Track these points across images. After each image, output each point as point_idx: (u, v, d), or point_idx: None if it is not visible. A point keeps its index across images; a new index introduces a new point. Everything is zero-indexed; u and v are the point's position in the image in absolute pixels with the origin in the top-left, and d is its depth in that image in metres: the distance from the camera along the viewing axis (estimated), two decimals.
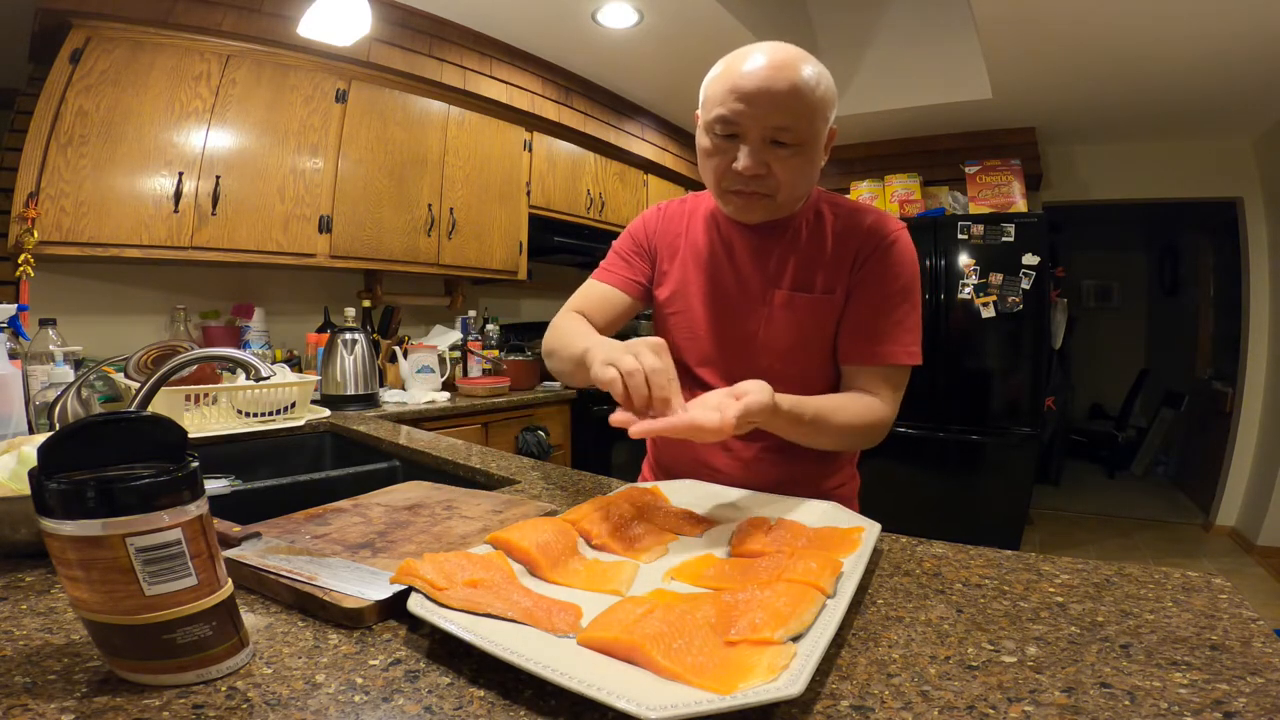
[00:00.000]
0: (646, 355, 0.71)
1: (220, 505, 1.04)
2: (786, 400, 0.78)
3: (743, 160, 0.85)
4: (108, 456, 0.45)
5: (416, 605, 0.51)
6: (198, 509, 0.45)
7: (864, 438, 0.91)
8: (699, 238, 1.02)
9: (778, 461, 0.99)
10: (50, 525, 0.42)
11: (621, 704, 0.39)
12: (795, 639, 0.47)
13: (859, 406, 0.90)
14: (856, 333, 0.93)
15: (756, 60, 0.84)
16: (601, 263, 1.08)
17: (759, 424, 0.75)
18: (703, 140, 0.91)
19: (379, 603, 0.55)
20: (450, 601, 0.52)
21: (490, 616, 0.51)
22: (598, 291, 1.05)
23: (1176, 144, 3.72)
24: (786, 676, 0.42)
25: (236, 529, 0.69)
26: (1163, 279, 5.54)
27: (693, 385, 1.01)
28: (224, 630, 0.46)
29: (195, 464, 0.46)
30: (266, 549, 0.66)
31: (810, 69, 0.84)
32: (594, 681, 0.41)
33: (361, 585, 0.57)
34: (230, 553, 0.64)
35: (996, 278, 3.19)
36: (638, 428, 0.69)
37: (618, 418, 0.70)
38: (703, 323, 1.00)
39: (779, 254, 0.96)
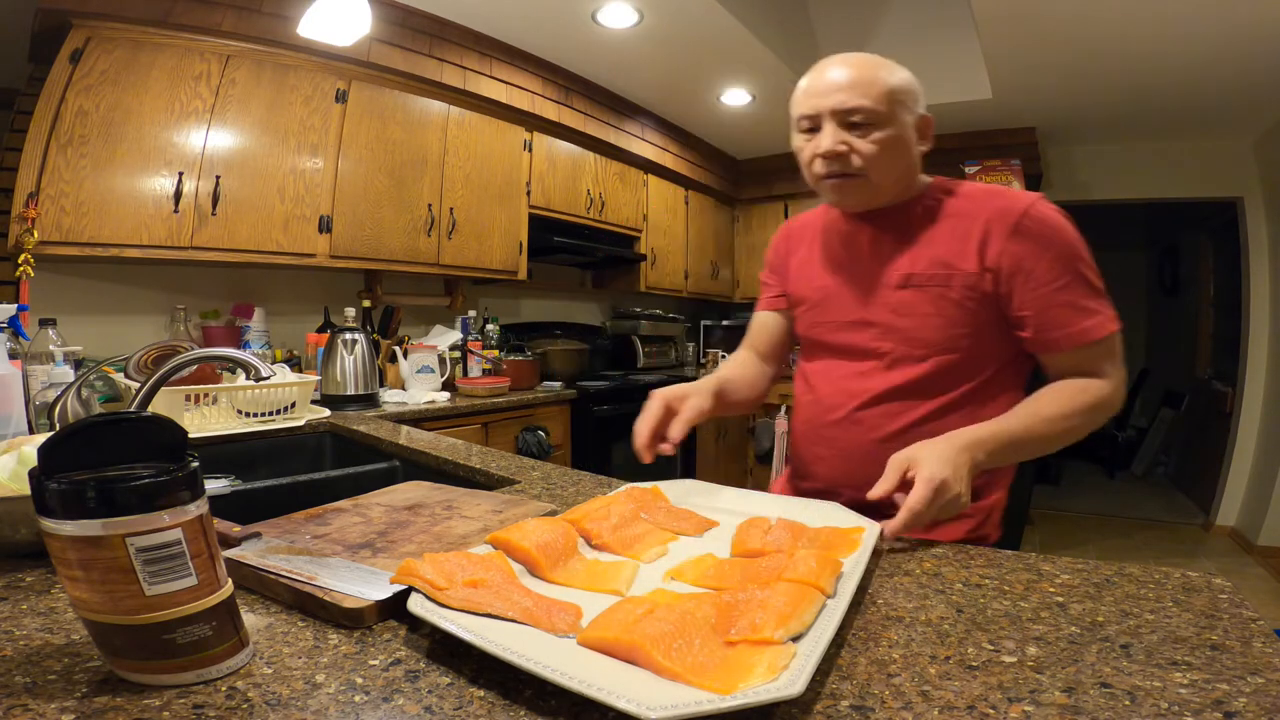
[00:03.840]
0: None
1: (220, 505, 1.04)
2: (985, 443, 0.80)
3: (821, 141, 0.92)
4: (108, 457, 0.45)
5: (416, 605, 0.51)
6: (198, 509, 0.45)
7: (1090, 419, 0.88)
8: (819, 240, 1.09)
9: (878, 457, 0.86)
10: (50, 525, 0.42)
11: (622, 704, 0.39)
12: (795, 639, 0.47)
13: (1067, 393, 0.88)
14: (1047, 316, 0.88)
15: (824, 66, 0.95)
16: None
17: (957, 486, 0.74)
18: (795, 142, 0.99)
19: (379, 603, 0.55)
20: (450, 601, 0.52)
21: (490, 616, 0.51)
22: (756, 322, 1.20)
23: (1176, 144, 3.72)
24: (787, 676, 0.42)
25: (236, 529, 0.69)
26: (1163, 279, 5.54)
27: (819, 372, 1.07)
28: (224, 630, 0.46)
29: (195, 464, 0.46)
30: (267, 549, 0.66)
31: (879, 62, 0.93)
32: (594, 681, 0.41)
33: (361, 585, 0.57)
34: (230, 553, 0.64)
35: None
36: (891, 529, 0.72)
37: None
38: (828, 312, 1.05)
39: (895, 238, 0.98)
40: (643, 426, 0.90)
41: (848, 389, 1.00)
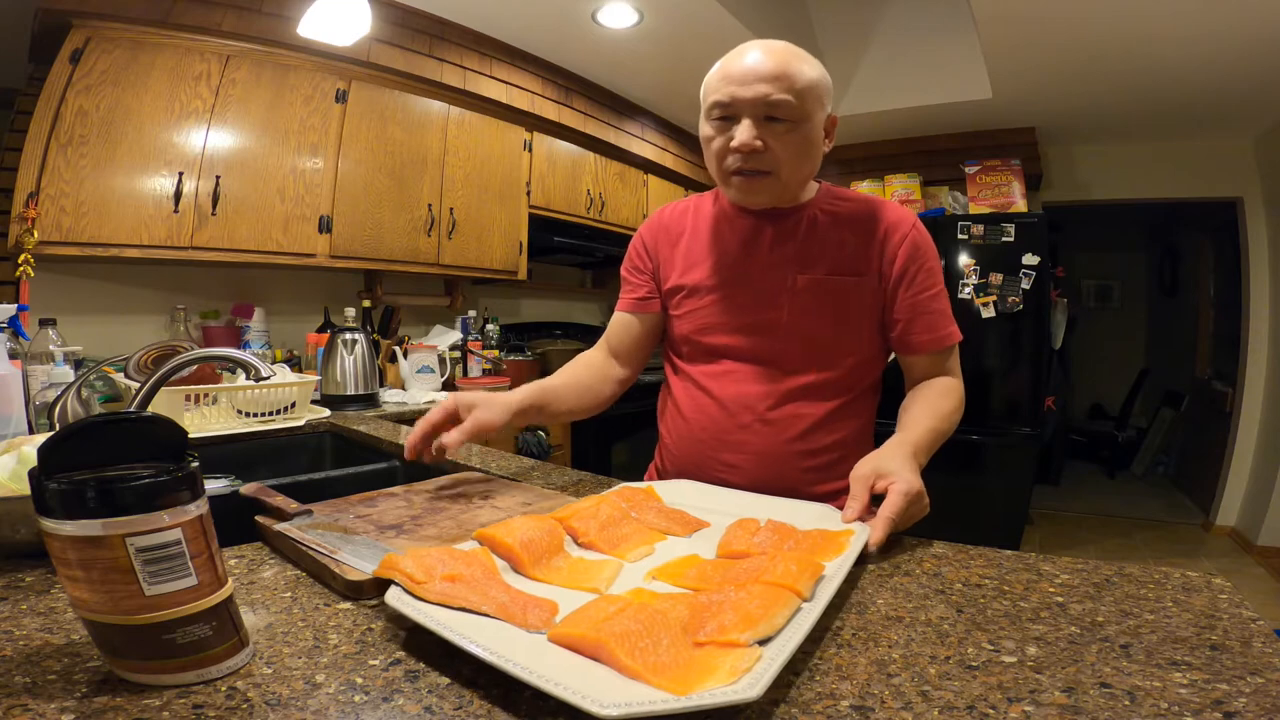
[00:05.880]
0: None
1: (220, 505, 1.04)
2: (920, 446, 0.84)
3: (739, 135, 0.88)
4: (108, 456, 0.45)
5: (394, 598, 0.52)
6: (198, 509, 0.45)
7: (959, 414, 0.96)
8: (707, 233, 1.03)
9: (793, 458, 0.97)
10: (50, 525, 0.42)
11: (577, 700, 0.39)
12: (764, 642, 0.47)
13: (949, 394, 0.96)
14: (924, 321, 0.97)
15: (747, 50, 0.90)
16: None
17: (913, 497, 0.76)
18: (704, 130, 0.94)
19: (376, 579, 0.58)
20: (428, 595, 0.52)
21: (466, 611, 0.51)
22: (616, 322, 1.11)
23: (1176, 144, 3.72)
24: (747, 680, 0.42)
25: (294, 505, 0.76)
26: (1163, 279, 5.54)
27: (716, 376, 1.02)
28: (224, 630, 0.46)
29: (195, 464, 0.46)
30: (310, 525, 0.72)
31: (798, 54, 0.90)
32: (556, 678, 0.41)
33: (371, 562, 0.61)
34: (279, 526, 0.71)
35: (996, 278, 3.19)
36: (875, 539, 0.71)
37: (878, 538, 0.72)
38: (724, 312, 1.00)
39: (798, 240, 0.97)
40: (420, 424, 0.90)
41: (755, 391, 0.98)
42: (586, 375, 1.08)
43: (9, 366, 1.03)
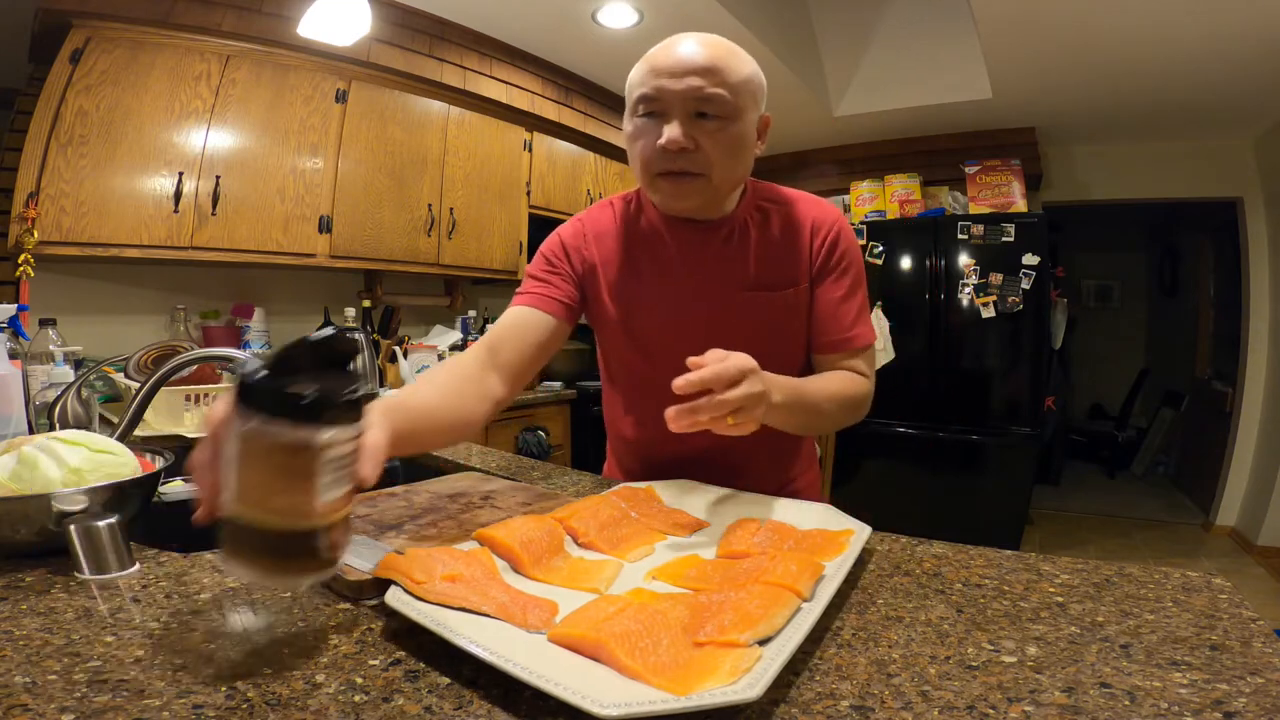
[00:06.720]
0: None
1: None
2: (780, 384, 0.75)
3: (668, 133, 0.81)
4: (311, 373, 0.47)
5: (393, 598, 0.52)
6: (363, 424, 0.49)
7: (853, 412, 0.91)
8: (639, 247, 0.95)
9: (735, 450, 0.88)
10: (272, 429, 0.43)
11: (577, 700, 0.39)
12: (764, 642, 0.47)
13: (845, 381, 0.90)
14: (831, 322, 0.93)
15: (676, 41, 0.85)
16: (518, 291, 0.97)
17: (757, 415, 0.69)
18: (628, 127, 0.88)
19: (376, 579, 0.59)
20: (428, 595, 0.52)
21: (466, 611, 0.51)
22: (515, 321, 0.90)
23: (1176, 144, 3.72)
24: (746, 680, 0.42)
25: None
26: (1163, 279, 5.54)
27: (660, 406, 0.95)
28: (341, 541, 0.49)
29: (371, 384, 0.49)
30: None
31: (731, 47, 0.85)
32: (557, 678, 0.41)
33: (369, 562, 0.61)
34: None
35: (996, 278, 3.19)
36: (678, 425, 0.65)
37: None
38: (666, 337, 0.93)
39: (736, 255, 0.92)
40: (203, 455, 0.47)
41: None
42: (463, 390, 0.82)
43: (9, 366, 1.03)
